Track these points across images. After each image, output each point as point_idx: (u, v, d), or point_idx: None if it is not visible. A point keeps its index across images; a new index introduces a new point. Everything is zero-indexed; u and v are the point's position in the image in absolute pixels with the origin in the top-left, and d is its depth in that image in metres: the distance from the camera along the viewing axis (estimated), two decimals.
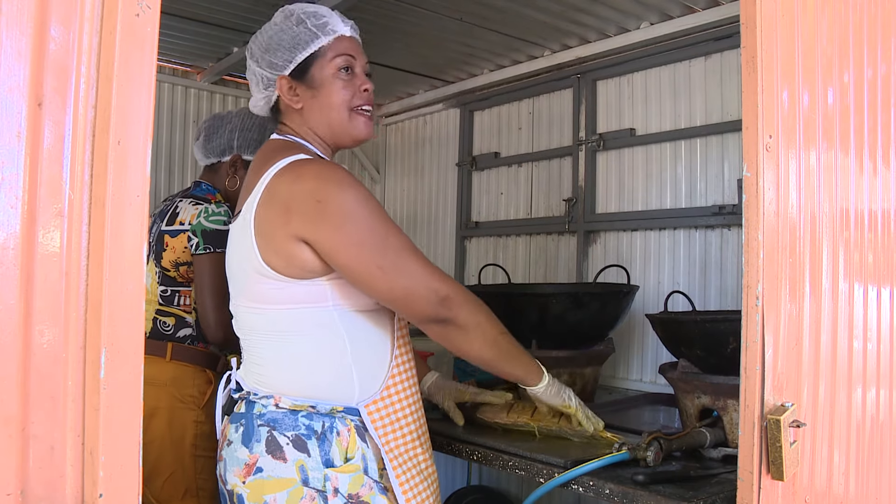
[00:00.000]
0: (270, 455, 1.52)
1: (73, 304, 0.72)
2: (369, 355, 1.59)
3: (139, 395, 0.74)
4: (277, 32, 1.69)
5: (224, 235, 2.31)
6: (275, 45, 1.68)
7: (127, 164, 0.72)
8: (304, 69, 1.67)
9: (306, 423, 1.53)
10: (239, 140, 2.52)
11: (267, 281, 1.53)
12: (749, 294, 1.23)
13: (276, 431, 1.53)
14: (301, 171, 1.53)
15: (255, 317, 1.60)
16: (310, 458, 1.51)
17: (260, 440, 1.53)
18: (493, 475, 3.60)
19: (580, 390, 2.37)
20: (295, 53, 1.66)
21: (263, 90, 1.72)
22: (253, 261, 1.53)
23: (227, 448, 1.58)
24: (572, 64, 3.26)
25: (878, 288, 1.69)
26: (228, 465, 1.57)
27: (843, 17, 1.55)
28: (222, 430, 1.65)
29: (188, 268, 2.36)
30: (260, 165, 1.61)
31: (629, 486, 1.55)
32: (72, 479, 0.72)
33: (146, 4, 0.73)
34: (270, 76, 1.69)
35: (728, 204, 2.72)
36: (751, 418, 1.23)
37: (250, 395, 1.59)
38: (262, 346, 1.60)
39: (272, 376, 1.58)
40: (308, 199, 1.49)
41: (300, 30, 1.67)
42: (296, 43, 1.67)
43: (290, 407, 1.54)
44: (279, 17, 1.72)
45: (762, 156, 1.24)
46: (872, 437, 1.66)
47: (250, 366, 1.63)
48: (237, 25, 3.02)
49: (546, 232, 3.48)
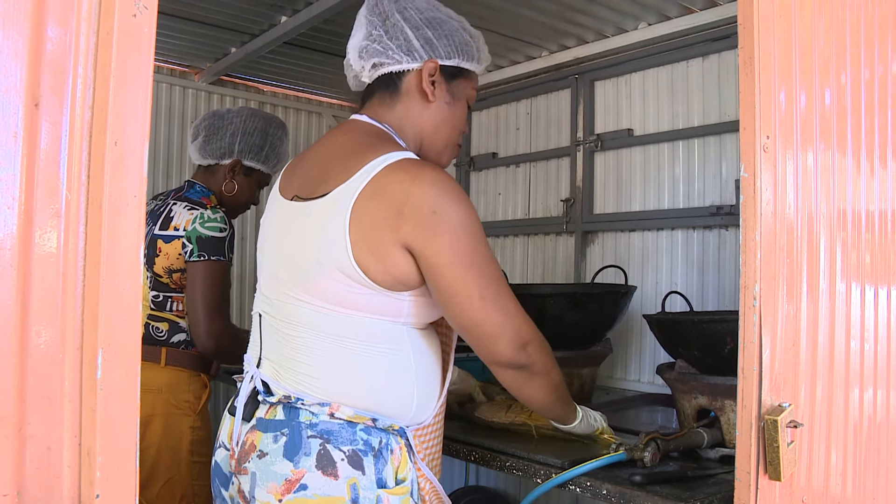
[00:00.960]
0: (320, 471, 1.35)
1: (70, 304, 0.72)
2: (427, 378, 1.50)
3: (136, 395, 0.74)
4: (446, 21, 1.58)
5: (220, 243, 2.29)
6: (440, 28, 1.56)
7: (124, 165, 0.72)
8: (453, 74, 1.59)
9: (364, 437, 1.39)
10: (241, 144, 2.48)
11: (348, 282, 1.37)
12: (746, 294, 1.23)
13: (330, 444, 1.37)
14: (418, 174, 1.37)
15: (312, 313, 1.42)
16: (364, 477, 1.37)
17: (310, 454, 1.36)
18: (492, 475, 3.60)
19: (577, 390, 2.38)
20: (458, 55, 1.58)
21: (401, 53, 1.54)
22: (337, 256, 1.36)
23: (260, 461, 1.39)
24: (570, 64, 3.26)
25: (875, 288, 1.69)
26: (260, 479, 1.38)
27: (841, 18, 1.55)
28: (245, 438, 1.46)
29: (181, 275, 2.31)
30: (357, 146, 1.46)
31: (626, 486, 1.55)
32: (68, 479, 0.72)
33: (143, 5, 0.73)
34: (420, 49, 1.54)
35: (726, 204, 2.73)
36: (748, 419, 1.23)
37: (293, 399, 1.41)
38: (317, 348, 1.42)
39: (329, 381, 1.41)
40: (424, 208, 1.35)
41: (469, 39, 1.60)
42: (463, 47, 1.58)
43: (347, 418, 1.39)
44: (444, 9, 1.62)
45: (759, 156, 1.24)
46: (870, 437, 1.66)
47: (293, 364, 1.44)
48: (235, 26, 3.01)
49: (544, 232, 3.48)
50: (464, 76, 1.61)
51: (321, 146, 1.58)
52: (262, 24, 2.99)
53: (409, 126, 1.58)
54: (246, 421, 1.47)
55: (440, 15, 1.59)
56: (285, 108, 3.96)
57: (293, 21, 2.79)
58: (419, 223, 1.35)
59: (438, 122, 1.59)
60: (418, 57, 1.55)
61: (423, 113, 1.58)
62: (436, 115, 1.59)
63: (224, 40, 3.20)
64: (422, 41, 1.54)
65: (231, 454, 1.50)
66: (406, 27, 1.54)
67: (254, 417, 1.46)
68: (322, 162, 1.50)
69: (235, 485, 1.46)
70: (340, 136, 1.55)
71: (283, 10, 2.82)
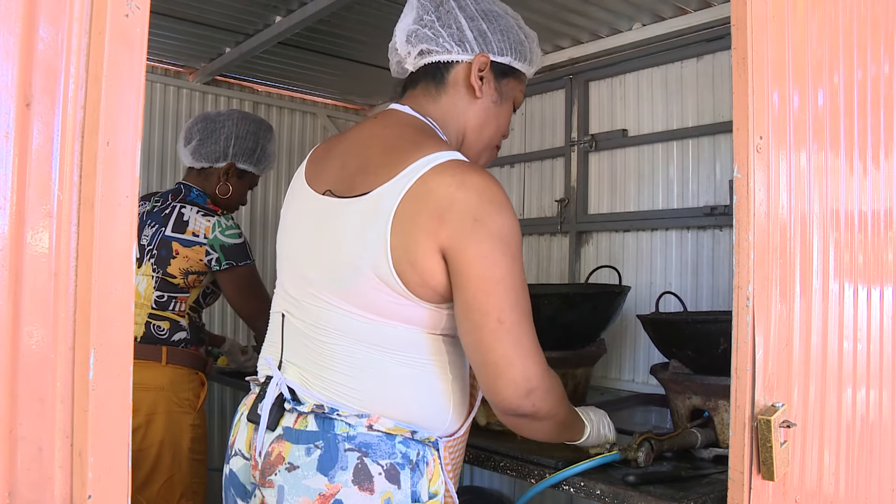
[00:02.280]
0: (357, 486, 1.27)
1: (62, 305, 0.72)
2: (462, 391, 1.43)
3: (128, 396, 0.74)
4: (502, 16, 1.51)
5: (243, 247, 2.41)
6: (496, 21, 1.49)
7: (116, 166, 0.72)
8: (504, 73, 1.52)
9: (403, 450, 1.32)
10: (234, 148, 2.53)
11: (386, 290, 1.29)
12: (739, 295, 1.23)
13: (368, 458, 1.29)
14: (466, 178, 1.28)
15: (346, 319, 1.33)
16: (399, 491, 1.30)
17: (346, 468, 1.28)
18: (486, 475, 3.60)
19: (572, 391, 2.38)
20: (511, 53, 1.50)
21: (452, 43, 1.46)
22: (378, 262, 1.28)
23: (290, 474, 1.30)
24: (565, 65, 3.27)
25: (867, 288, 1.70)
26: (289, 494, 1.29)
27: (833, 19, 1.56)
28: (271, 448, 1.36)
29: (197, 276, 2.39)
30: (402, 142, 1.37)
31: (620, 486, 1.55)
32: (60, 480, 0.72)
33: (135, 5, 0.72)
34: (473, 41, 1.46)
35: (720, 205, 2.73)
36: (741, 419, 1.23)
37: (327, 409, 1.32)
38: (354, 356, 1.33)
39: (369, 392, 1.32)
40: (466, 213, 1.26)
41: (524, 39, 1.53)
42: (517, 46, 1.51)
43: (387, 430, 1.31)
44: (501, 3, 1.55)
45: (753, 157, 1.24)
46: (862, 437, 1.66)
47: (325, 373, 1.35)
48: (229, 26, 3.01)
49: (538, 232, 3.48)
50: (514, 76, 1.54)
51: (358, 137, 1.48)
52: (256, 24, 2.98)
53: (453, 121, 1.50)
54: (270, 430, 1.37)
55: (496, 8, 1.51)
56: (280, 108, 3.96)
57: (287, 21, 2.79)
58: (458, 229, 1.26)
59: (483, 120, 1.51)
60: (470, 49, 1.46)
61: (468, 109, 1.50)
62: (481, 113, 1.51)
63: (218, 40, 3.20)
64: (475, 33, 1.46)
65: (253, 465, 1.40)
66: (460, 16, 1.46)
67: (279, 426, 1.36)
68: (360, 156, 1.40)
69: (258, 497, 1.38)
70: (381, 129, 1.45)
71: (277, 10, 2.82)
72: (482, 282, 1.27)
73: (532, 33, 1.57)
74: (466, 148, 1.51)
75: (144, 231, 2.43)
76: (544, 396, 1.34)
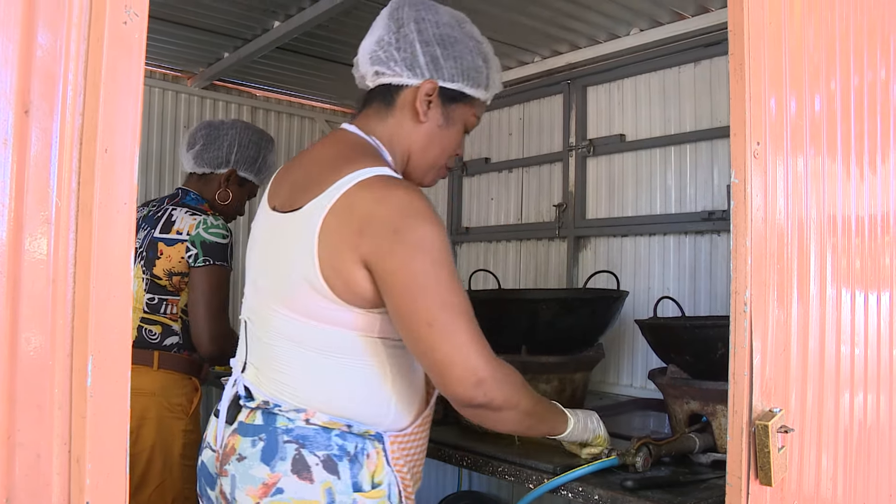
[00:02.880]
0: (296, 475, 1.37)
1: (60, 311, 0.72)
2: (408, 389, 1.50)
3: (126, 402, 0.74)
4: (459, 41, 1.55)
5: (224, 249, 2.34)
6: (451, 48, 1.53)
7: (114, 172, 0.72)
8: (453, 98, 1.56)
9: (339, 442, 1.41)
10: (237, 155, 2.53)
11: (318, 297, 1.38)
12: (737, 300, 1.24)
13: (305, 450, 1.39)
14: (387, 194, 1.36)
15: (288, 324, 1.44)
16: (339, 481, 1.38)
17: (285, 458, 1.39)
18: (484, 480, 3.60)
19: (570, 396, 2.38)
20: (462, 80, 1.54)
21: (402, 68, 1.52)
22: (308, 271, 1.37)
23: (239, 464, 1.42)
24: (562, 70, 3.27)
25: (864, 293, 1.70)
26: (239, 482, 1.41)
27: (830, 25, 1.56)
28: (227, 441, 1.49)
29: (181, 278, 2.34)
30: (335, 160, 1.45)
31: (618, 491, 1.56)
32: (58, 486, 0.72)
33: (134, 12, 0.73)
34: (424, 67, 1.52)
35: (717, 210, 2.74)
36: (739, 424, 1.23)
37: (271, 405, 1.44)
38: (294, 357, 1.44)
39: (305, 389, 1.43)
40: (386, 226, 1.33)
41: (480, 65, 1.57)
42: (469, 72, 1.55)
43: (323, 424, 1.41)
44: (465, 24, 1.59)
45: (750, 162, 1.24)
46: (860, 441, 1.67)
47: (272, 373, 1.47)
48: (228, 31, 3.02)
49: (536, 237, 3.48)
50: (464, 101, 1.58)
51: (308, 156, 1.58)
52: (254, 29, 2.99)
53: (398, 142, 1.56)
54: (228, 424, 1.50)
55: (457, 34, 1.55)
56: (278, 112, 3.96)
57: (286, 26, 2.80)
58: (378, 242, 1.33)
59: (426, 143, 1.57)
60: (420, 74, 1.52)
61: (413, 132, 1.56)
62: (424, 137, 1.57)
63: (217, 45, 3.20)
64: (428, 58, 1.51)
65: (216, 456, 1.52)
66: (416, 40, 1.52)
67: (236, 421, 1.48)
68: (304, 174, 1.50)
69: (219, 486, 1.49)
70: (325, 148, 1.56)
71: (276, 15, 2.82)
72: (406, 290, 1.34)
73: (493, 60, 1.61)
74: (412, 167, 1.59)
75: (138, 234, 2.40)
76: (496, 386, 1.38)
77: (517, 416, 1.48)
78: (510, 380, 1.43)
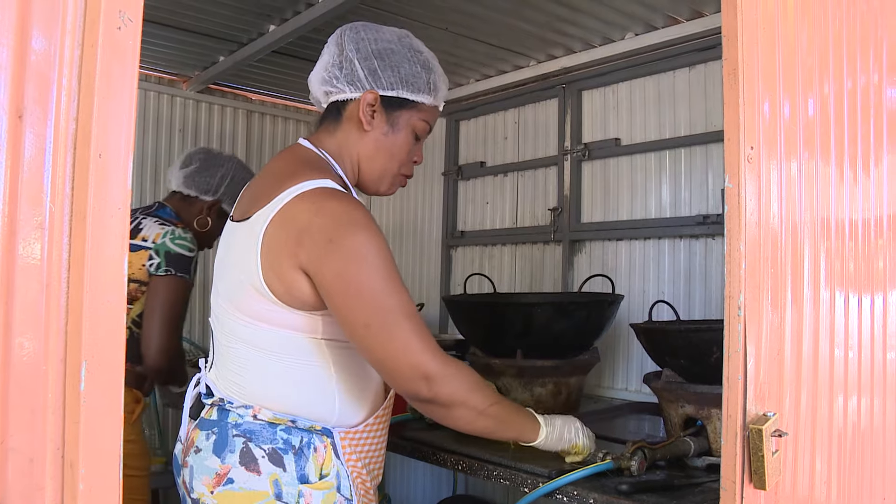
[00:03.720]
0: (244, 467, 1.48)
1: (54, 316, 0.72)
2: (357, 388, 1.58)
3: (120, 407, 0.74)
4: (397, 52, 1.63)
5: (188, 262, 2.32)
6: (388, 59, 1.61)
7: (108, 177, 0.72)
8: (396, 105, 1.63)
9: (284, 437, 1.50)
10: (227, 188, 2.54)
11: (263, 300, 1.48)
12: (731, 304, 1.24)
13: (251, 443, 1.49)
14: (323, 205, 1.45)
15: (240, 327, 1.54)
16: (285, 473, 1.48)
17: (234, 451, 1.49)
18: (479, 484, 3.60)
19: (565, 399, 2.38)
20: (402, 87, 1.62)
21: (344, 84, 1.62)
22: (253, 277, 1.47)
23: (196, 455, 1.54)
24: (558, 74, 3.28)
25: (858, 296, 1.70)
26: (196, 472, 1.53)
27: (823, 30, 1.57)
28: (188, 434, 1.60)
29: (138, 286, 2.31)
30: (282, 174, 1.54)
31: (613, 495, 1.56)
32: (51, 491, 0.71)
33: (128, 17, 0.73)
34: (364, 80, 1.61)
35: (712, 213, 2.74)
36: (733, 428, 1.24)
37: (224, 402, 1.55)
38: (245, 356, 1.54)
39: (252, 387, 1.54)
40: (321, 236, 1.42)
41: (420, 72, 1.63)
42: (410, 79, 1.62)
43: (268, 420, 1.51)
44: (405, 38, 1.66)
45: (744, 167, 1.25)
46: (854, 444, 1.67)
47: (226, 372, 1.58)
48: (224, 35, 3.02)
49: (531, 241, 3.49)
50: (408, 107, 1.64)
51: (266, 168, 1.68)
52: (250, 33, 2.99)
53: (347, 153, 1.65)
54: (193, 419, 1.61)
55: (395, 46, 1.63)
56: (273, 116, 3.96)
57: (281, 30, 2.80)
58: (315, 251, 1.42)
59: (373, 151, 1.65)
60: (361, 87, 1.61)
61: (359, 141, 1.64)
62: (371, 144, 1.65)
63: (212, 49, 3.20)
64: (366, 71, 1.60)
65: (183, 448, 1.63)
66: (355, 57, 1.61)
67: (199, 416, 1.59)
68: (258, 185, 1.60)
69: (182, 475, 1.59)
70: (278, 162, 1.64)
71: (271, 18, 2.82)
72: (343, 296, 1.43)
73: (435, 67, 1.67)
74: (363, 176, 1.68)
75: None
76: (442, 381, 1.47)
77: (470, 415, 1.54)
78: (460, 377, 1.51)
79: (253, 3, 2.67)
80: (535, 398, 2.33)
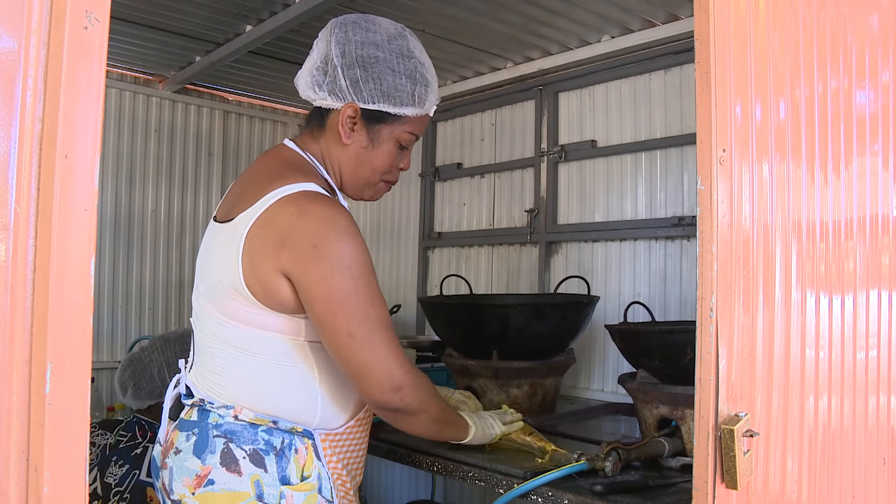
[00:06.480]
0: (225, 468, 1.47)
1: (19, 318, 0.71)
2: (340, 391, 1.58)
3: (86, 410, 0.73)
4: (382, 60, 1.57)
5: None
6: (371, 68, 1.56)
7: (74, 178, 0.71)
8: (377, 118, 1.59)
9: (265, 437, 1.49)
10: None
11: (243, 302, 1.47)
12: (703, 306, 1.25)
13: (232, 444, 1.48)
14: (307, 209, 1.44)
15: (219, 327, 1.53)
16: (266, 474, 1.47)
17: (215, 451, 1.48)
18: (457, 488, 3.60)
19: (541, 401, 2.39)
20: (384, 101, 1.57)
21: (326, 93, 1.58)
22: (233, 278, 1.46)
23: (176, 457, 1.52)
24: (534, 76, 3.29)
25: (829, 297, 1.72)
26: (176, 474, 1.51)
27: (794, 35, 1.58)
28: (168, 435, 1.58)
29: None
30: (267, 175, 1.52)
31: (588, 496, 1.56)
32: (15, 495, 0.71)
33: (95, 17, 0.72)
34: (345, 90, 1.56)
35: (688, 215, 2.76)
36: (705, 428, 1.24)
37: (205, 402, 1.54)
38: (226, 357, 1.53)
39: (233, 387, 1.53)
40: (305, 240, 1.41)
41: (404, 84, 1.58)
42: (393, 93, 1.57)
43: (250, 420, 1.50)
44: (396, 40, 1.60)
45: (716, 169, 1.25)
46: (825, 444, 1.68)
47: (206, 372, 1.57)
48: (200, 35, 3.00)
49: (508, 243, 3.50)
50: (389, 121, 1.60)
51: (249, 169, 1.65)
52: (226, 34, 2.97)
53: (330, 161, 1.64)
54: (172, 420, 1.59)
55: (381, 53, 1.57)
56: (250, 117, 3.94)
57: (258, 30, 2.78)
58: (298, 255, 1.41)
59: (354, 164, 1.63)
60: (342, 98, 1.57)
61: (341, 153, 1.63)
62: (351, 157, 1.63)
63: (188, 49, 3.18)
64: (348, 82, 1.56)
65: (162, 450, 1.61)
66: (339, 64, 1.56)
67: (179, 417, 1.57)
68: (241, 186, 1.58)
69: (161, 478, 1.57)
70: (263, 163, 1.62)
71: (247, 19, 2.81)
72: (325, 303, 1.43)
73: (422, 75, 1.61)
74: (346, 185, 1.67)
75: (110, 469, 2.31)
76: (412, 392, 1.50)
77: (428, 421, 1.61)
78: (424, 387, 1.55)
79: (229, 3, 2.65)
80: (510, 399, 2.33)
